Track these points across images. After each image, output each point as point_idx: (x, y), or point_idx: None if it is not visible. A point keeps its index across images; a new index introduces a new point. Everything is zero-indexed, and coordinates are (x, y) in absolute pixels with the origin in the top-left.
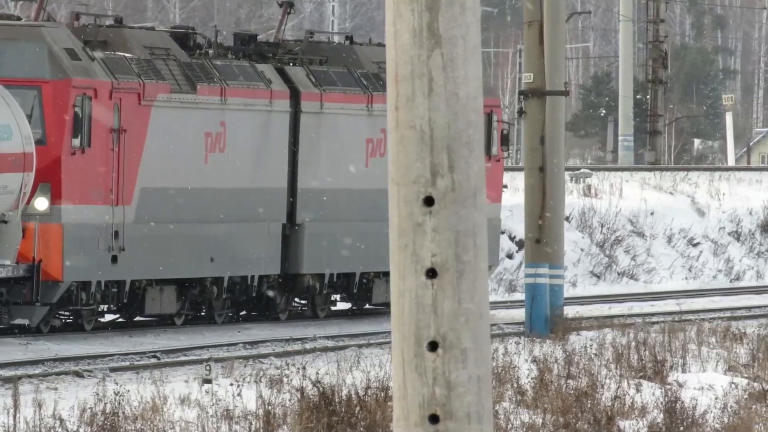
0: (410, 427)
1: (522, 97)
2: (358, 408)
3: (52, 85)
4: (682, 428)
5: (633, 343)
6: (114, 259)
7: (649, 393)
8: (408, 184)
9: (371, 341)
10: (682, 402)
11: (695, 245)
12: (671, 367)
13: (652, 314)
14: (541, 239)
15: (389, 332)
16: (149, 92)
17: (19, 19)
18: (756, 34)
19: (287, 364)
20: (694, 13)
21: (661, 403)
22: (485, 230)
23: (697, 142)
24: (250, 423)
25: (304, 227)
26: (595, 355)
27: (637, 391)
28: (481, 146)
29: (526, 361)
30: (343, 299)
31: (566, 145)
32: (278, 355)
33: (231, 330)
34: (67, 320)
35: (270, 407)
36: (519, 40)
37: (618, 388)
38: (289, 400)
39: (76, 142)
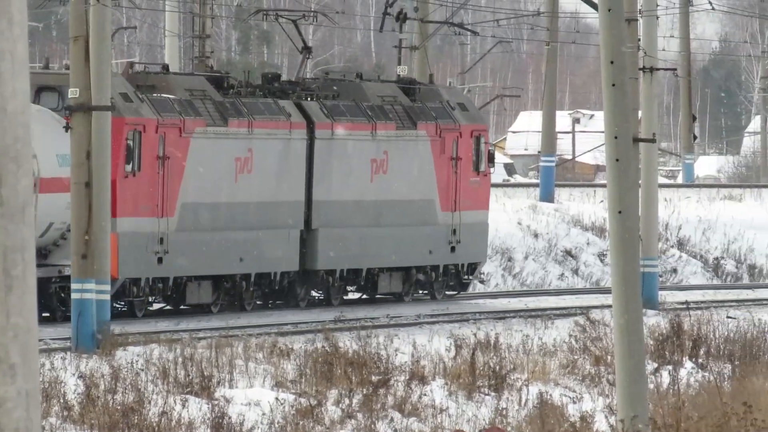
0: None
1: (68, 112)
2: None
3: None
4: None
5: (180, 359)
6: (159, 260)
7: (196, 408)
8: None
9: None
10: (230, 417)
11: None
12: (218, 382)
13: (199, 330)
14: (88, 255)
15: None
16: (188, 126)
17: None
18: None
19: None
20: (240, 29)
21: (209, 418)
22: (33, 245)
23: None
24: None
25: (318, 232)
26: (142, 370)
27: (184, 406)
28: (29, 161)
29: (73, 376)
30: (354, 291)
31: None
32: None
33: None
34: (122, 309)
35: None
36: (65, 55)
37: (165, 403)
38: None
39: (129, 167)
